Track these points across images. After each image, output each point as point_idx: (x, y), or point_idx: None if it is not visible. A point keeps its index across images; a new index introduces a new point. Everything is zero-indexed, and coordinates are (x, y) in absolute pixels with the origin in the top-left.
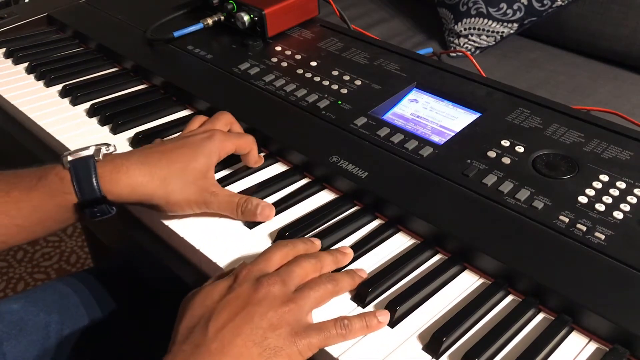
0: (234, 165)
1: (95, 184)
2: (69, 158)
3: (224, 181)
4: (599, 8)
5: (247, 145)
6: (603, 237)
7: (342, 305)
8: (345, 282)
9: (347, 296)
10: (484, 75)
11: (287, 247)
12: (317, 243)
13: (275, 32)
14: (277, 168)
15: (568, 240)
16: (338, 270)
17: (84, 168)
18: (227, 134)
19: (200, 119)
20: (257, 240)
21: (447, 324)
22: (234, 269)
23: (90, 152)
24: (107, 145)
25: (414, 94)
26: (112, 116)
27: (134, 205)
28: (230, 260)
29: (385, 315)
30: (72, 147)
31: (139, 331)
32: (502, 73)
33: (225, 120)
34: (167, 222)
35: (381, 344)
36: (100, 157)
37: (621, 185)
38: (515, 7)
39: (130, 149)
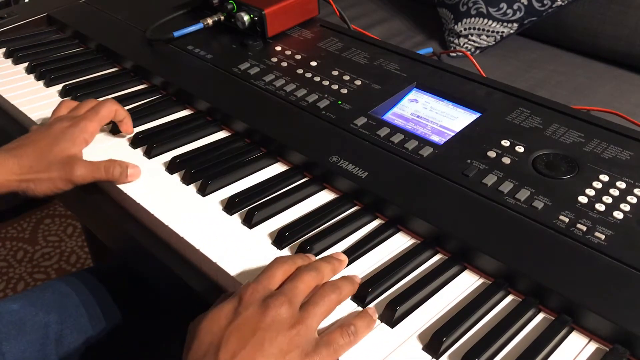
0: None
1: None
2: None
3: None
4: (599, 8)
5: (108, 114)
6: (603, 237)
7: (342, 305)
8: (346, 289)
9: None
10: (484, 75)
11: (287, 263)
12: (313, 258)
13: (275, 32)
14: (277, 168)
15: (568, 240)
16: None
17: None
18: (87, 116)
19: (67, 104)
20: (257, 240)
21: (447, 324)
22: (238, 291)
23: None
24: None
25: (414, 94)
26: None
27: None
28: (230, 260)
29: (374, 310)
30: None
31: (139, 331)
32: (502, 73)
33: (89, 105)
34: (167, 222)
35: (381, 344)
36: None
37: (621, 185)
38: (515, 7)
39: (130, 148)
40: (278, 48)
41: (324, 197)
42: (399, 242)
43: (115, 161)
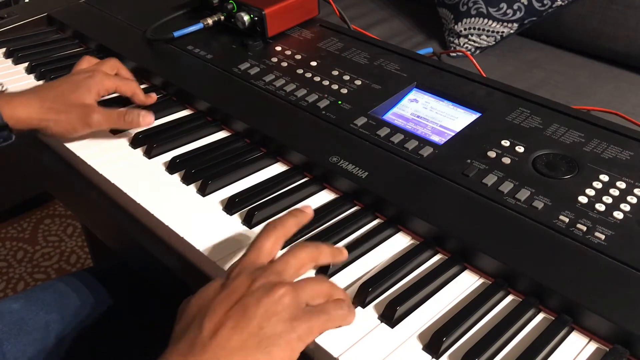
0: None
1: None
2: None
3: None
4: (599, 8)
5: (128, 87)
6: (603, 237)
7: None
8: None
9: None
10: (484, 75)
11: (276, 228)
12: (308, 210)
13: (275, 32)
14: (277, 168)
15: (568, 240)
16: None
17: None
18: (108, 75)
19: (89, 59)
20: None
21: (447, 324)
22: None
23: None
24: (1, 84)
25: (414, 93)
26: None
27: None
28: (230, 260)
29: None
30: (72, 147)
31: (139, 330)
32: (502, 73)
33: (111, 64)
34: (167, 222)
35: (381, 344)
36: None
37: (621, 185)
38: (515, 7)
39: (130, 148)
40: (278, 48)
41: (324, 197)
42: (399, 242)
43: (129, 109)
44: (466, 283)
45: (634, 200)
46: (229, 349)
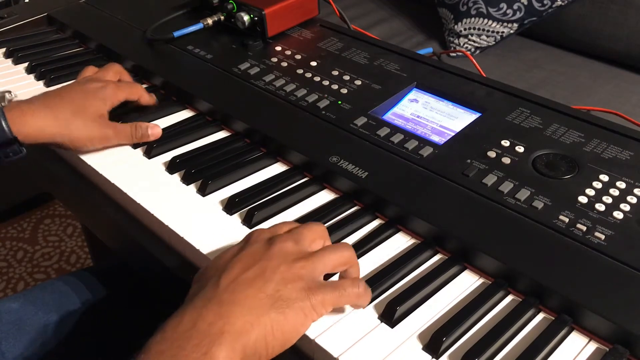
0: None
1: (5, 126)
2: None
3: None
4: (599, 8)
5: (136, 93)
6: (603, 237)
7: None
8: (354, 259)
9: None
10: (484, 75)
11: (291, 223)
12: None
13: (275, 32)
14: (277, 168)
15: (568, 240)
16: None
17: None
18: (118, 85)
19: (92, 69)
20: None
21: (447, 324)
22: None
23: None
24: (9, 92)
25: (414, 93)
26: (111, 116)
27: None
28: None
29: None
30: None
31: (138, 330)
32: (502, 73)
33: (115, 70)
34: (167, 222)
35: (381, 344)
36: (6, 102)
37: (621, 185)
38: (515, 7)
39: (130, 149)
40: (278, 48)
41: (324, 197)
42: (399, 242)
43: (138, 124)
44: (466, 283)
45: (634, 200)
46: (244, 305)
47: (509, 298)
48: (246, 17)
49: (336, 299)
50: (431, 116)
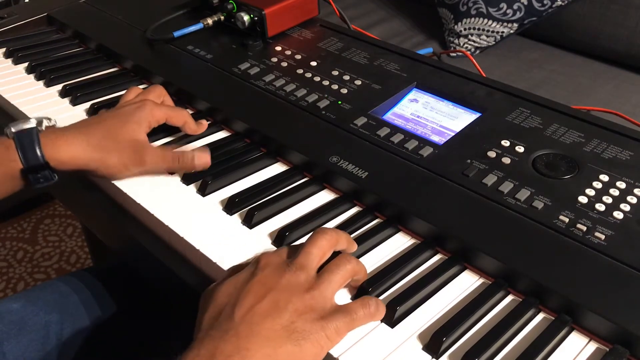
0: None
1: (38, 151)
2: (13, 129)
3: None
4: (599, 8)
5: (179, 117)
6: (603, 237)
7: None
8: (361, 265)
9: (347, 297)
10: (484, 75)
11: (297, 246)
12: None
13: (275, 32)
14: (277, 168)
15: (568, 240)
16: None
17: (27, 137)
18: (157, 104)
19: (135, 90)
20: (257, 240)
21: (447, 324)
22: (253, 260)
23: (33, 123)
24: (49, 119)
25: (414, 93)
26: None
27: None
28: (230, 260)
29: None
30: None
31: (138, 330)
32: (502, 73)
33: (158, 92)
34: (167, 222)
35: (381, 344)
36: (43, 128)
37: (621, 185)
38: (515, 7)
39: None
40: (278, 48)
41: (324, 197)
42: (399, 242)
43: (184, 152)
44: (466, 283)
45: (634, 200)
46: (261, 338)
47: (509, 298)
48: (246, 17)
49: (349, 324)
50: (431, 116)
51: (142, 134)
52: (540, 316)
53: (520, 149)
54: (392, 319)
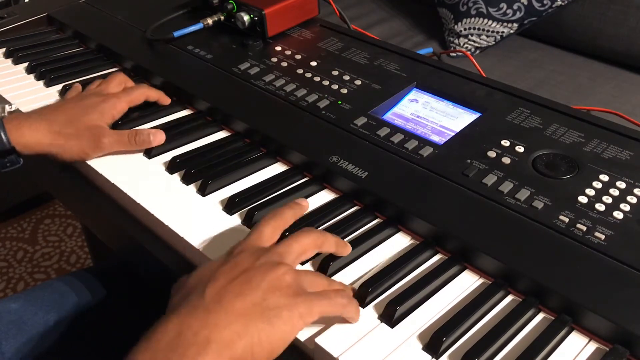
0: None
1: (3, 136)
2: None
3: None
4: (599, 8)
5: (140, 96)
6: (603, 237)
7: None
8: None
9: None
10: (484, 75)
11: (275, 218)
12: (304, 203)
13: (275, 32)
14: (277, 168)
15: (568, 240)
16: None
17: None
18: (118, 96)
19: (95, 83)
20: None
21: (447, 323)
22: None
23: None
24: (10, 104)
25: (414, 93)
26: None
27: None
28: None
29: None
30: None
31: (138, 330)
32: (502, 73)
33: (118, 80)
34: (167, 222)
35: (381, 344)
36: (5, 114)
37: (621, 185)
38: (515, 7)
39: None
40: (278, 48)
41: (324, 197)
42: (399, 242)
43: (138, 130)
44: (466, 283)
45: (634, 200)
46: (232, 314)
47: (509, 298)
48: (246, 17)
49: (322, 307)
50: (431, 116)
51: (102, 122)
52: (540, 316)
53: (520, 149)
54: (392, 319)
